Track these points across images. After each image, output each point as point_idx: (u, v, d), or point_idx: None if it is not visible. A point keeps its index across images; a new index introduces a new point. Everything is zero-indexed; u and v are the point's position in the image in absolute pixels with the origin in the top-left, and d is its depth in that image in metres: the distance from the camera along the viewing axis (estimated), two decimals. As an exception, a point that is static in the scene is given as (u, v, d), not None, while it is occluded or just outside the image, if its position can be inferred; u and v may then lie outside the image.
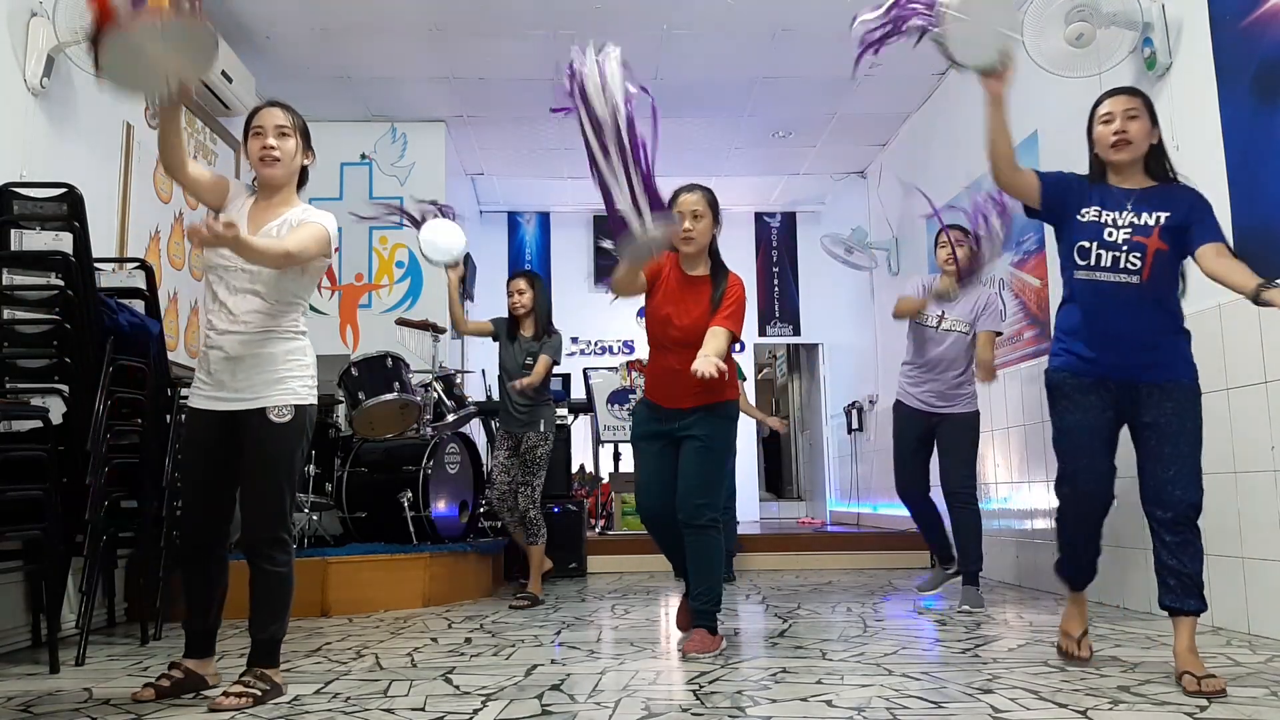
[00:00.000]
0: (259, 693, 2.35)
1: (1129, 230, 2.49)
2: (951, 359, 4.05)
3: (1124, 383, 2.54)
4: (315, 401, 2.57)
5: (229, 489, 2.50)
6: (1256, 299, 2.32)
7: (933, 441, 4.14)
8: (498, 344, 4.67)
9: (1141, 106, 2.57)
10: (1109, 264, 2.50)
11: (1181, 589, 2.44)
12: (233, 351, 2.44)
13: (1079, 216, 2.56)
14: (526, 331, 4.55)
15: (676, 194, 3.19)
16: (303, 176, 2.66)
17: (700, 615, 3.10)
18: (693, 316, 3.09)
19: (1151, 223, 2.49)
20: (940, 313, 4.06)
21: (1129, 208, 2.52)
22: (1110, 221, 2.52)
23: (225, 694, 2.34)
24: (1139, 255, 2.47)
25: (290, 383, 2.48)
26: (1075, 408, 2.58)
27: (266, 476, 2.43)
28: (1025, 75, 4.76)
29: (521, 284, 4.56)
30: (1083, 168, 2.71)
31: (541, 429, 4.49)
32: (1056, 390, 2.63)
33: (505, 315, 4.65)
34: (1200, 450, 2.49)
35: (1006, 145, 2.57)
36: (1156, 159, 2.59)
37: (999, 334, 4.12)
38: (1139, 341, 2.52)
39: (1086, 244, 2.53)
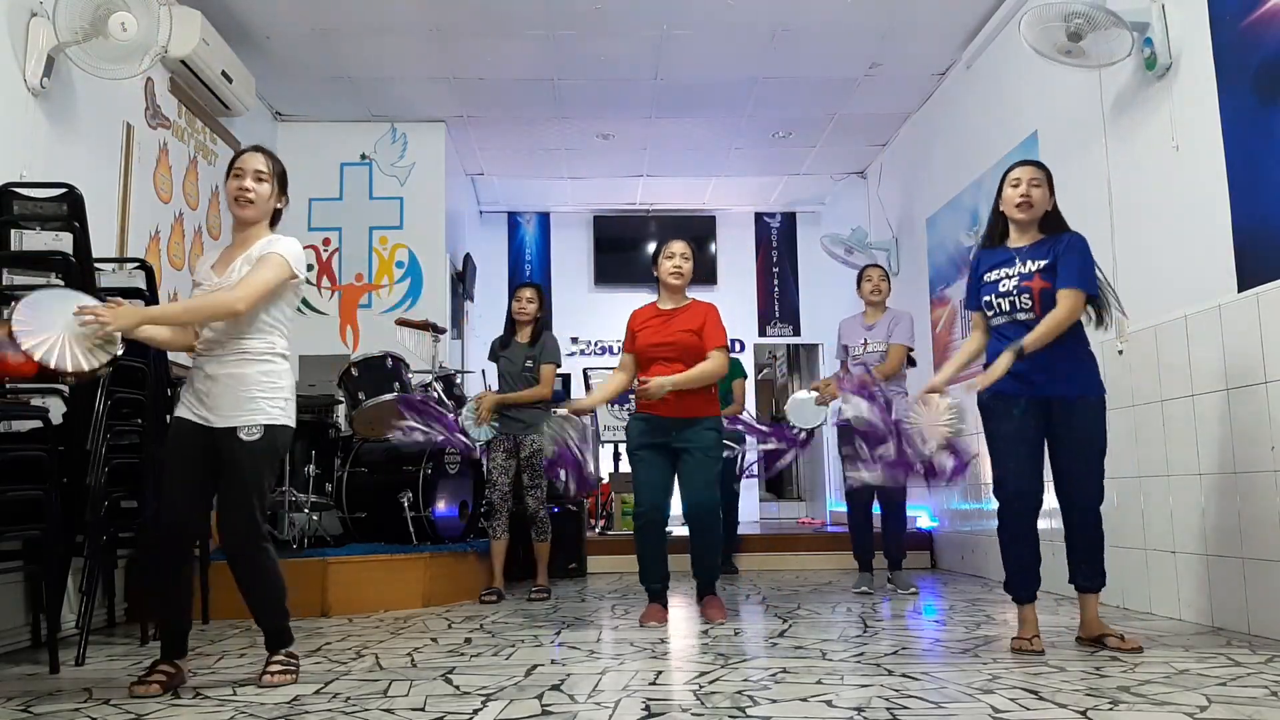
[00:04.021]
0: (294, 667, 2.66)
1: (1017, 279, 3.00)
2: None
3: (1036, 399, 2.95)
4: (289, 423, 2.70)
5: (208, 493, 2.69)
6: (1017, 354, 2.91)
7: None
8: (493, 360, 4.84)
9: (1043, 178, 3.06)
10: (1007, 308, 3.01)
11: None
12: (211, 371, 2.62)
13: (985, 278, 3.09)
14: (523, 338, 4.76)
15: (668, 241, 3.88)
16: (275, 217, 2.82)
17: (709, 585, 3.83)
18: (677, 333, 3.74)
19: (1033, 269, 2.99)
20: (864, 340, 4.70)
21: (1016, 262, 3.02)
22: (1003, 276, 3.03)
23: (269, 673, 2.59)
24: (1028, 296, 2.97)
25: (260, 403, 2.61)
26: (1002, 421, 2.99)
27: (240, 492, 2.60)
28: (1026, 76, 4.79)
29: (531, 293, 4.82)
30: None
31: (541, 431, 4.55)
32: (985, 410, 3.04)
33: (499, 333, 4.90)
34: (1101, 456, 2.98)
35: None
36: (1050, 220, 3.07)
37: (910, 349, 4.72)
38: (1045, 362, 2.92)
39: (990, 298, 3.05)
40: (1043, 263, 2.98)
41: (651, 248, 9.25)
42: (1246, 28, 3.24)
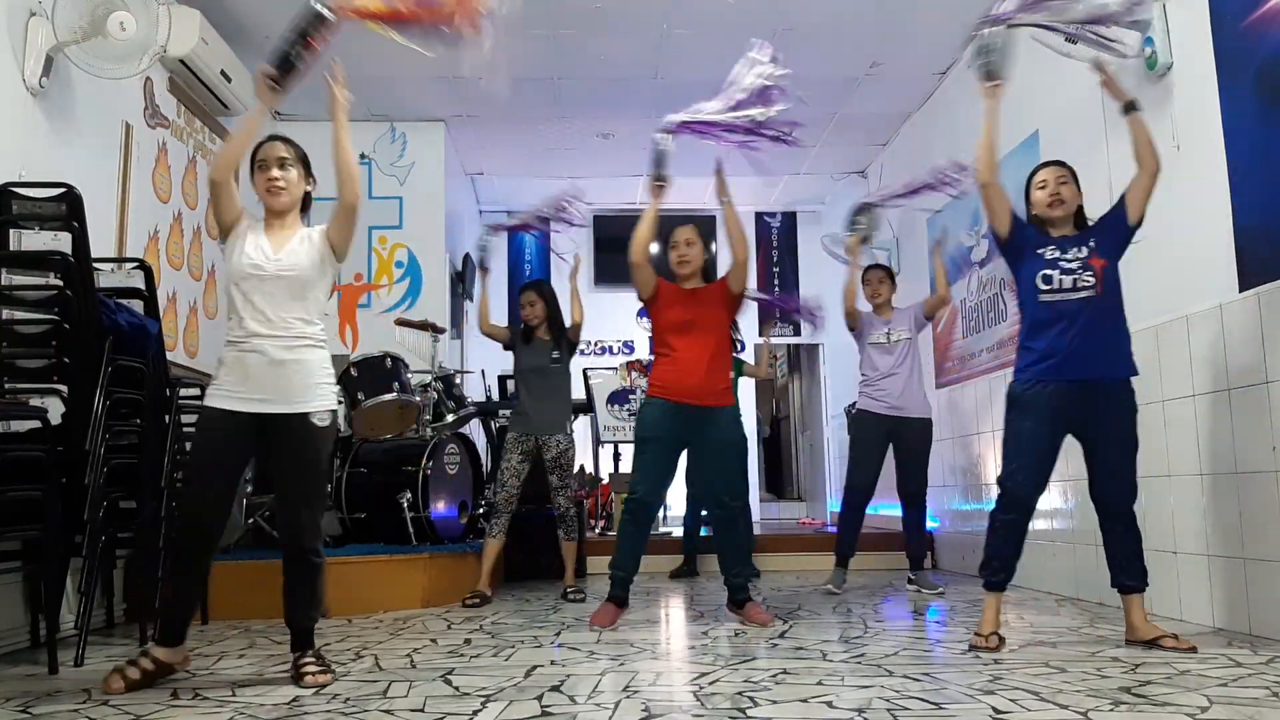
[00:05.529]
0: (327, 665, 2.64)
1: (1078, 261, 3.06)
2: (905, 364, 4.66)
3: (1073, 383, 2.98)
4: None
5: (235, 487, 2.70)
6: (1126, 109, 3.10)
7: (888, 444, 4.66)
8: (511, 350, 4.74)
9: (1069, 175, 3.16)
10: (1069, 285, 3.03)
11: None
12: (277, 355, 2.60)
13: (1039, 253, 3.08)
14: (543, 335, 4.69)
15: (672, 228, 3.81)
16: (306, 202, 2.85)
17: (742, 589, 3.65)
18: (706, 307, 3.67)
19: (1088, 251, 3.07)
20: (887, 330, 4.71)
21: (1069, 246, 3.10)
22: (1063, 255, 3.07)
23: (306, 674, 2.55)
24: (1091, 274, 3.04)
25: (325, 389, 2.69)
26: (1026, 419, 3.03)
27: (309, 478, 2.65)
28: (1026, 76, 4.77)
29: (532, 296, 4.71)
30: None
31: (567, 430, 4.67)
32: (1015, 400, 3.08)
33: (518, 323, 4.81)
34: (1136, 452, 3.04)
35: (995, 153, 3.15)
36: (1080, 215, 3.18)
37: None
38: (1096, 340, 3.00)
39: (1049, 272, 3.05)
40: (1092, 242, 3.07)
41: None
42: (1247, 27, 3.24)
